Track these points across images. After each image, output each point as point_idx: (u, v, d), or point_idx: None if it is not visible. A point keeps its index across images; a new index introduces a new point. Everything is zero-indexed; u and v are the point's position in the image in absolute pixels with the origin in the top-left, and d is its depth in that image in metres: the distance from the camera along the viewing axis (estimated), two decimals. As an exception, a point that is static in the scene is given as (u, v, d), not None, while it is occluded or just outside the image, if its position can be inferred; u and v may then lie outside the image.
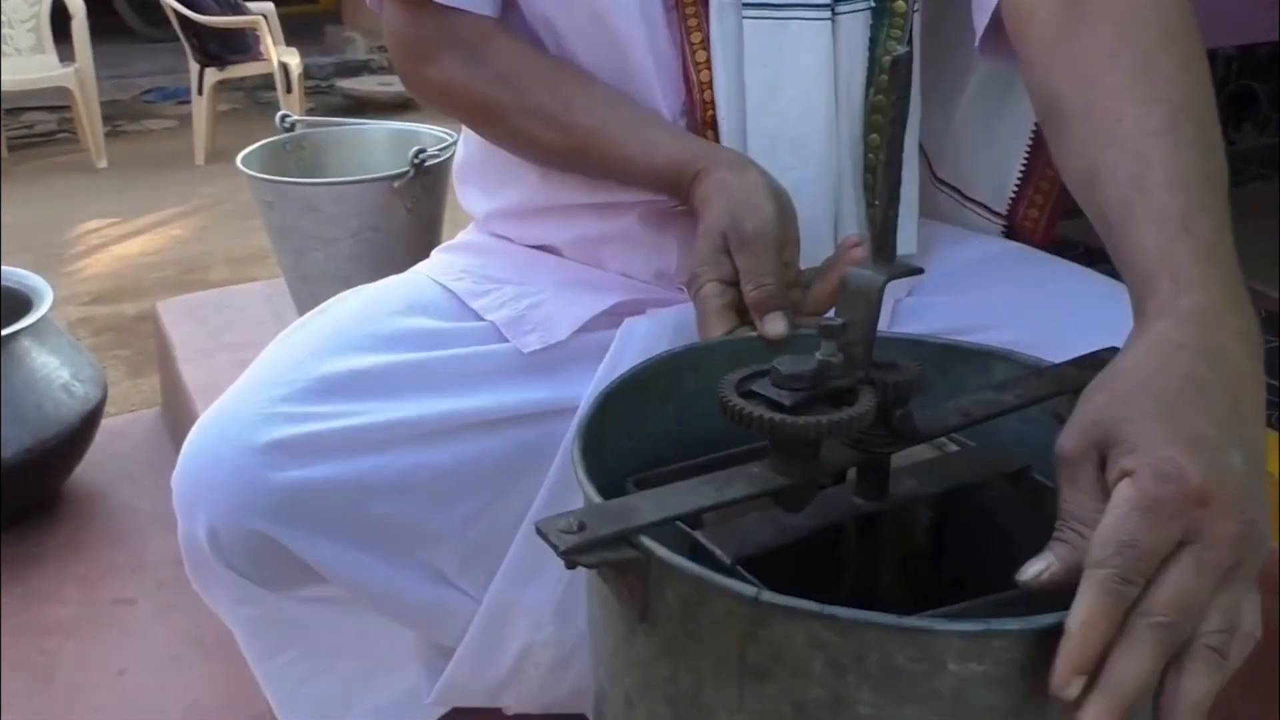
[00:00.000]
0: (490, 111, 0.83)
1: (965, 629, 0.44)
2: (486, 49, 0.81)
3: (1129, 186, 0.57)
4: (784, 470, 0.54)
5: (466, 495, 0.79)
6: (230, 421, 0.74)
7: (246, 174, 1.65)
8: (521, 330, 0.82)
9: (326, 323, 0.82)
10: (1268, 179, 2.70)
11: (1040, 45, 0.68)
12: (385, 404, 0.76)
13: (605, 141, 0.78)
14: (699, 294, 0.71)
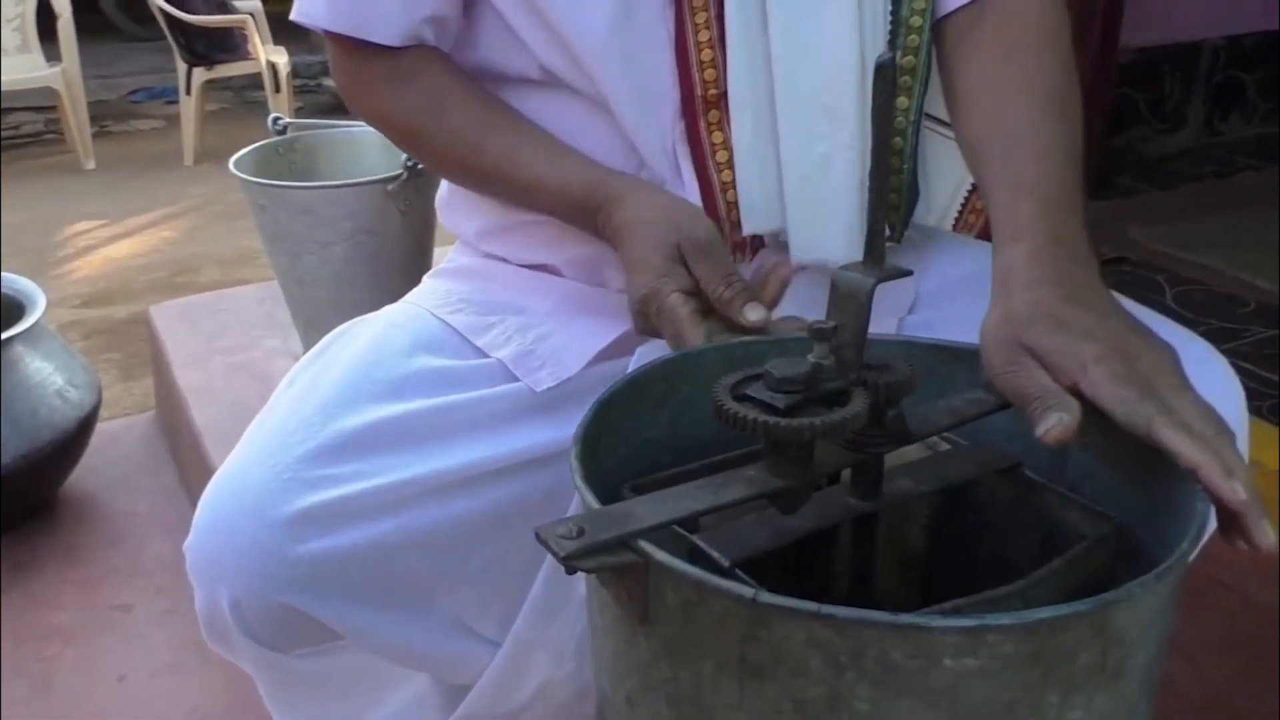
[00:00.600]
0: (415, 135, 0.84)
1: (959, 625, 0.44)
2: (419, 78, 0.82)
3: (998, 161, 0.72)
4: (779, 472, 0.55)
5: (487, 541, 0.78)
6: (246, 490, 0.72)
7: (239, 177, 1.65)
8: (531, 367, 0.81)
9: (332, 370, 0.80)
10: (1256, 169, 2.72)
11: (952, 40, 0.81)
12: (403, 459, 0.74)
13: (516, 163, 0.80)
14: (665, 306, 0.70)
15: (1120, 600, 0.46)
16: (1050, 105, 0.74)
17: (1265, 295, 1.99)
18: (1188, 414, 0.54)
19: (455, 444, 0.76)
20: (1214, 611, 1.33)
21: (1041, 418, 0.55)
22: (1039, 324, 0.59)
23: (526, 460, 0.78)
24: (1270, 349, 1.80)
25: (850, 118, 0.79)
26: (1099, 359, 0.56)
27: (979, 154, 0.75)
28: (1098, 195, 2.51)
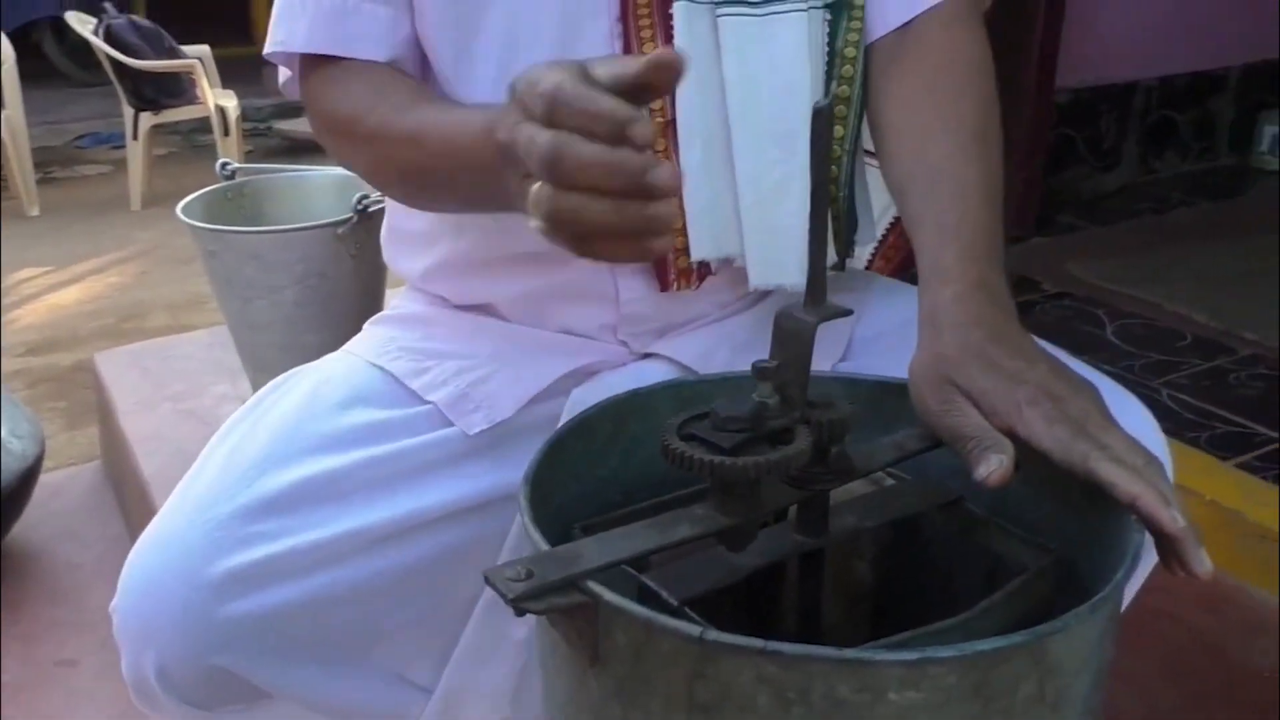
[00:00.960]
0: (353, 121, 0.78)
1: (903, 658, 0.45)
2: (364, 76, 0.80)
3: (919, 200, 0.74)
4: (726, 510, 0.55)
5: (421, 590, 0.78)
6: (174, 550, 0.71)
7: (188, 223, 1.64)
8: (465, 410, 0.80)
9: (264, 425, 0.78)
10: (1190, 205, 2.79)
11: (877, 68, 0.82)
12: (335, 514, 0.74)
13: (443, 115, 0.73)
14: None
15: (1057, 631, 0.48)
16: (971, 142, 0.75)
17: (1201, 329, 2.04)
18: (1119, 449, 0.56)
19: (388, 496, 0.76)
20: (1157, 641, 1.35)
21: (980, 459, 0.57)
22: (971, 365, 0.61)
23: (460, 509, 0.78)
24: (1207, 380, 1.84)
25: (803, 145, 0.79)
26: (1032, 401, 0.58)
27: (902, 189, 0.76)
28: (1039, 232, 2.56)
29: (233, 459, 0.75)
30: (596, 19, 0.78)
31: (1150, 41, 2.83)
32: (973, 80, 0.79)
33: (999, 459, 0.56)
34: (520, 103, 0.55)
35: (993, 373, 0.60)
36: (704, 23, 0.78)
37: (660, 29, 0.78)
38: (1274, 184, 2.95)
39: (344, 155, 0.83)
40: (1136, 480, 0.54)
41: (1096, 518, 0.58)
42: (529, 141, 0.52)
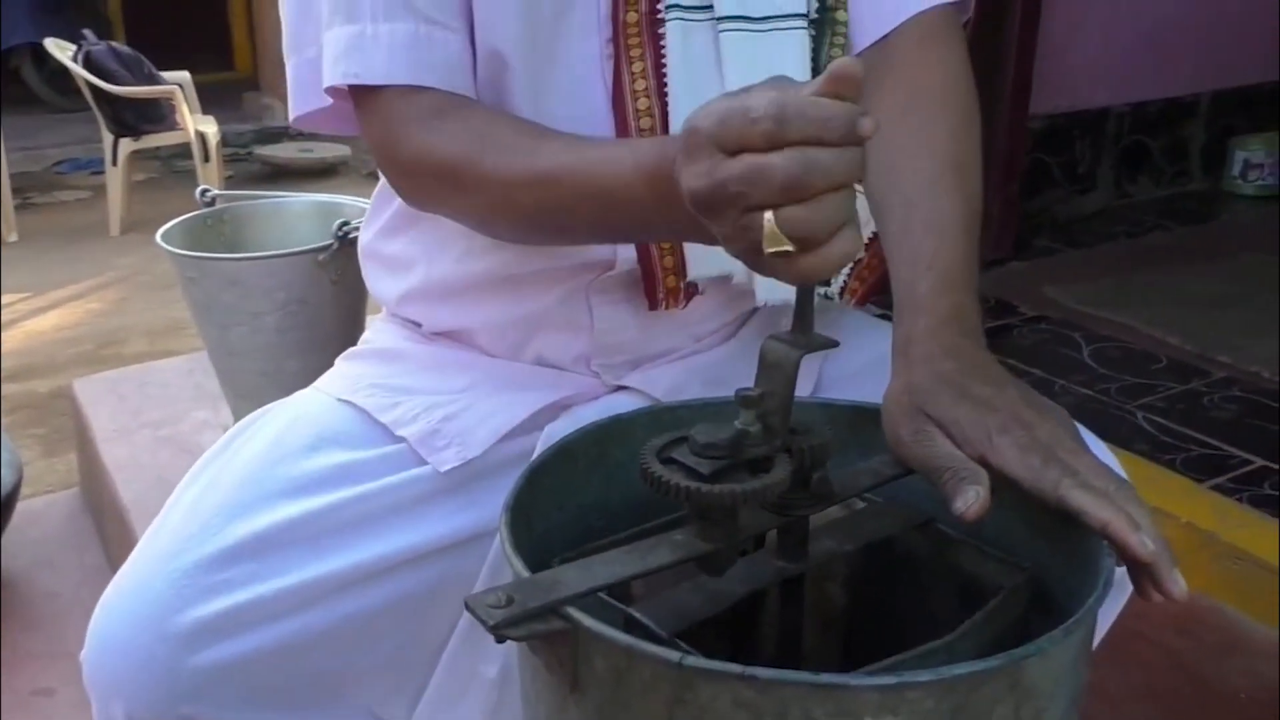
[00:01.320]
0: (459, 166, 0.74)
1: (880, 683, 0.46)
2: (455, 113, 0.76)
3: (897, 228, 0.73)
4: (705, 536, 0.56)
5: (393, 630, 0.77)
6: (141, 601, 0.70)
7: (168, 250, 1.64)
8: (436, 447, 0.79)
9: (231, 470, 0.77)
10: (1165, 229, 2.83)
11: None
12: (303, 559, 0.73)
13: (579, 150, 0.70)
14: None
15: (1032, 655, 0.48)
16: (946, 169, 0.75)
17: (1176, 352, 2.06)
18: (1089, 474, 0.57)
19: (357, 540, 0.75)
20: (1134, 662, 1.36)
21: (957, 491, 0.57)
22: (942, 394, 0.62)
23: (431, 550, 0.77)
24: (1182, 403, 1.86)
25: None
26: (1002, 429, 0.59)
27: (879, 214, 0.77)
28: (1017, 255, 2.59)
29: (199, 505, 0.75)
30: (586, 40, 0.79)
31: (1121, 68, 2.88)
32: (949, 101, 0.79)
33: (975, 491, 0.57)
34: (714, 140, 0.53)
35: (964, 401, 0.61)
36: (701, 38, 0.78)
37: (650, 47, 0.78)
38: (1246, 208, 2.99)
39: (443, 199, 0.78)
40: (1106, 506, 0.55)
41: (1069, 541, 0.59)
42: (755, 172, 0.52)
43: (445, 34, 0.76)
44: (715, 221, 0.55)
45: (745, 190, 0.52)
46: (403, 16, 0.75)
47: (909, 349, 0.66)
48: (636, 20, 0.78)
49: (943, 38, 0.82)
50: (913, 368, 0.64)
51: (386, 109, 0.77)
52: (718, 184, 0.53)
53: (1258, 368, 1.96)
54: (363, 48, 0.76)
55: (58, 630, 1.64)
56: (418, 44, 0.75)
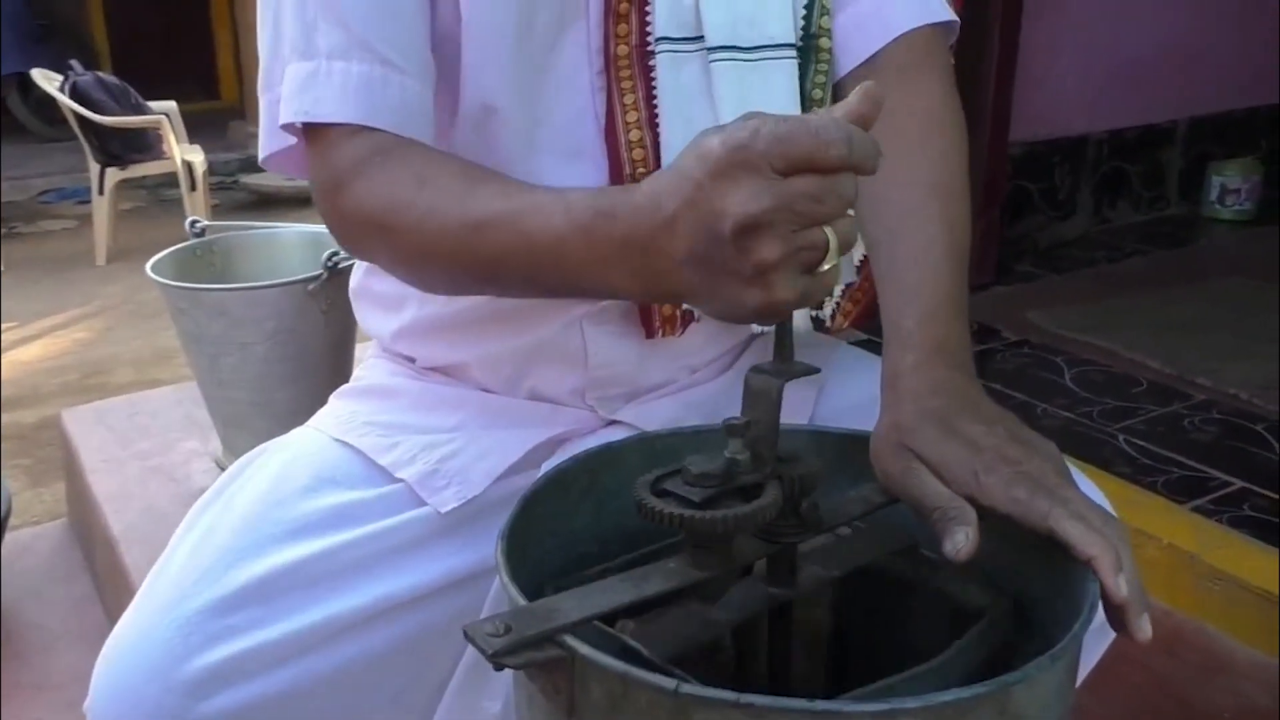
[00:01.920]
0: (393, 214, 0.71)
1: (872, 709, 0.47)
2: (398, 156, 0.73)
3: (884, 259, 0.75)
4: (699, 564, 0.57)
5: (398, 672, 0.77)
6: (146, 650, 0.69)
7: (157, 281, 1.65)
8: (436, 487, 0.79)
9: (231, 510, 0.77)
10: (1144, 254, 2.86)
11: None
12: (306, 603, 0.73)
13: (511, 196, 0.68)
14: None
15: (1019, 681, 0.49)
16: (932, 196, 0.75)
17: (1156, 375, 2.09)
18: (1078, 505, 0.58)
19: (359, 582, 0.75)
20: (1118, 682, 1.37)
21: (946, 532, 0.58)
22: (929, 432, 0.63)
23: (435, 589, 0.77)
24: (1163, 426, 1.88)
25: None
26: (989, 469, 0.60)
27: (867, 242, 0.78)
28: (999, 280, 2.62)
29: (199, 552, 0.74)
30: (577, 73, 0.79)
31: (1098, 96, 2.92)
32: (934, 130, 0.80)
33: (965, 533, 0.58)
34: (770, 159, 0.53)
35: (951, 439, 0.62)
36: (691, 69, 0.79)
37: (641, 79, 0.79)
38: (1224, 232, 3.03)
39: (376, 244, 0.75)
40: (1095, 540, 0.56)
41: (1056, 567, 0.60)
42: (828, 188, 0.53)
43: (401, 77, 0.75)
44: (761, 244, 0.53)
45: (812, 210, 0.53)
46: (358, 56, 0.74)
47: (896, 384, 0.67)
48: (627, 53, 0.79)
49: (928, 62, 0.83)
50: (900, 404, 0.66)
51: (332, 150, 0.74)
52: (784, 204, 0.53)
53: (1236, 390, 1.98)
54: (316, 85, 0.74)
55: (46, 661, 1.63)
56: (371, 85, 0.74)
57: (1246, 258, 2.77)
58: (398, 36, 0.75)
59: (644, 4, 0.79)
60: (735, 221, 0.53)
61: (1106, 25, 2.88)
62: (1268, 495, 1.64)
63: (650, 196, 0.57)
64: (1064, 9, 2.77)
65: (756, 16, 0.80)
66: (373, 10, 0.74)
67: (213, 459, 1.81)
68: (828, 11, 0.83)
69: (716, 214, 0.54)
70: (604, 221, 0.60)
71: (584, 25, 0.78)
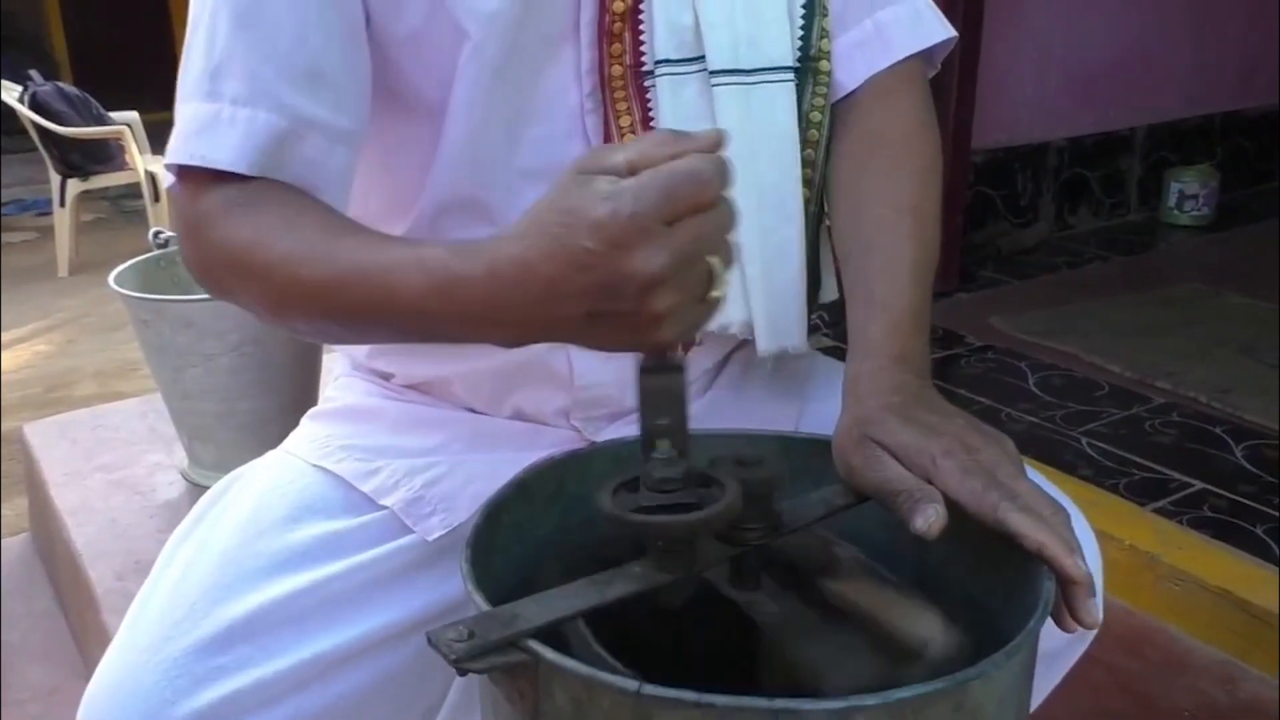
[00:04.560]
0: (254, 258, 0.68)
1: (830, 707, 0.48)
2: (268, 200, 0.70)
3: (855, 271, 0.77)
4: (662, 567, 0.58)
5: (391, 701, 0.76)
6: (133, 695, 0.67)
7: (121, 293, 1.64)
8: (422, 514, 0.78)
9: (211, 543, 0.75)
10: (1104, 259, 2.90)
11: (833, 132, 0.84)
12: (298, 639, 0.71)
13: (370, 258, 0.64)
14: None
15: (975, 677, 0.50)
16: (904, 216, 0.77)
17: (1117, 378, 2.12)
18: (1028, 498, 0.59)
19: (349, 614, 0.73)
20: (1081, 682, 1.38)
21: (915, 512, 0.59)
22: (889, 421, 0.64)
23: (421, 620, 0.76)
24: (1124, 429, 1.91)
25: (796, 211, 0.81)
26: (946, 453, 0.61)
27: (840, 255, 0.80)
28: (962, 287, 2.65)
29: (181, 589, 0.72)
30: (566, 93, 0.77)
31: (1056, 105, 2.97)
32: (911, 150, 0.82)
33: (934, 509, 0.59)
34: (661, 216, 0.53)
35: (910, 426, 0.64)
36: (690, 90, 0.78)
37: (637, 100, 0.78)
38: (1182, 238, 3.08)
39: (233, 284, 0.71)
40: (1043, 529, 0.58)
41: (1011, 566, 0.61)
42: (713, 224, 0.54)
43: (313, 134, 0.71)
44: (663, 294, 0.54)
45: (700, 248, 0.55)
46: (266, 105, 0.69)
47: (858, 386, 0.69)
48: (622, 74, 0.78)
49: (906, 89, 0.84)
50: (861, 402, 0.67)
51: (203, 190, 0.70)
52: (681, 254, 0.54)
53: (1195, 393, 2.02)
54: (216, 130, 0.70)
55: (8, 677, 1.61)
56: (278, 137, 0.70)
57: (1205, 262, 2.82)
58: (316, 86, 0.71)
59: (637, 24, 0.77)
60: (639, 284, 0.54)
61: (1065, 35, 2.92)
62: (1226, 496, 1.67)
63: (518, 262, 0.56)
64: (1023, 20, 2.81)
65: (757, 38, 0.79)
66: (291, 58, 0.70)
67: (178, 471, 1.80)
68: (827, 34, 0.83)
69: (623, 278, 0.54)
70: (461, 285, 0.59)
71: (574, 46, 0.77)
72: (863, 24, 0.84)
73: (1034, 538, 0.57)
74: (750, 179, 0.79)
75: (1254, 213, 3.21)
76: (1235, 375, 2.08)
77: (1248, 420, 1.91)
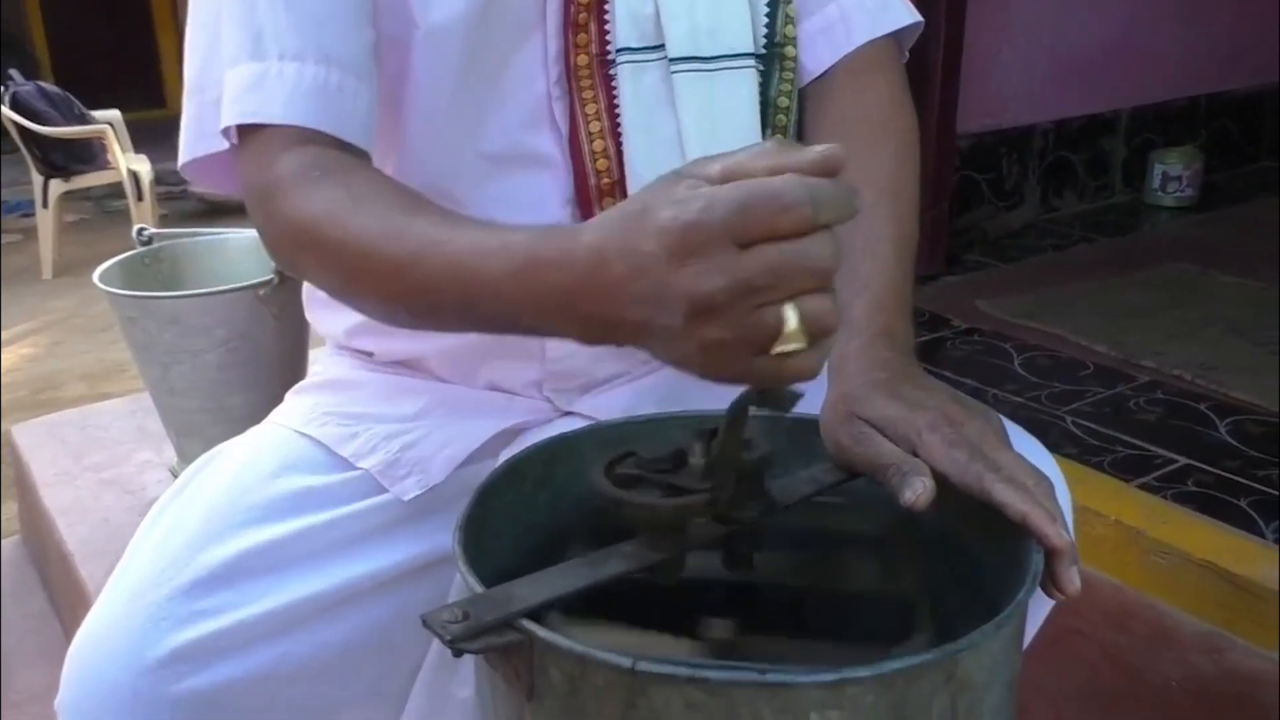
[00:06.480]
0: (323, 232, 0.67)
1: (822, 679, 0.48)
2: (335, 173, 0.70)
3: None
4: (654, 546, 0.58)
5: (370, 659, 0.78)
6: (116, 637, 0.69)
7: (105, 290, 1.63)
8: (398, 476, 0.80)
9: (196, 501, 0.77)
10: (1090, 241, 2.91)
11: (805, 116, 0.85)
12: (278, 584, 0.73)
13: (447, 236, 0.62)
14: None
15: (965, 649, 0.51)
16: (883, 197, 0.78)
17: (1102, 358, 2.13)
18: (1013, 469, 0.60)
19: (329, 564, 0.75)
20: (1069, 656, 1.40)
21: (904, 485, 0.60)
22: (875, 397, 0.65)
23: (400, 573, 0.78)
24: (1109, 407, 1.92)
25: None
26: (931, 426, 0.62)
27: None
28: (949, 270, 2.65)
29: (167, 541, 0.74)
30: (533, 81, 0.80)
31: (1042, 88, 2.97)
32: (888, 131, 0.82)
33: (922, 482, 0.59)
34: (730, 233, 0.48)
35: (895, 401, 0.64)
36: (652, 77, 0.80)
37: (603, 89, 0.80)
38: (1166, 219, 3.09)
39: (305, 258, 0.71)
40: (1027, 499, 0.58)
41: (1001, 537, 0.62)
42: (791, 262, 0.48)
43: (356, 83, 0.73)
44: (712, 325, 0.49)
45: (773, 284, 0.48)
46: (311, 58, 0.72)
47: (843, 365, 0.69)
48: (587, 63, 0.80)
49: (880, 69, 0.86)
50: (847, 380, 0.68)
51: (269, 157, 0.71)
52: (742, 283, 0.48)
53: (1179, 371, 2.03)
54: (264, 87, 0.72)
55: (4, 680, 1.61)
56: (324, 89, 0.72)
57: (1189, 243, 2.83)
58: (348, 43, 0.74)
59: (603, 14, 0.80)
60: (689, 303, 0.49)
61: (1049, 18, 2.93)
62: (1211, 471, 1.68)
63: (594, 251, 0.52)
64: (1008, 4, 2.82)
65: (716, 27, 0.81)
66: (325, 16, 0.73)
67: (168, 469, 1.79)
68: (792, 20, 0.84)
69: (671, 292, 0.49)
70: (542, 270, 0.55)
71: (541, 35, 0.79)
72: (826, 9, 0.86)
73: (1017, 508, 0.58)
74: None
75: (1238, 193, 3.22)
76: (1220, 353, 2.09)
77: (1232, 397, 1.92)
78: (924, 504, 0.59)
